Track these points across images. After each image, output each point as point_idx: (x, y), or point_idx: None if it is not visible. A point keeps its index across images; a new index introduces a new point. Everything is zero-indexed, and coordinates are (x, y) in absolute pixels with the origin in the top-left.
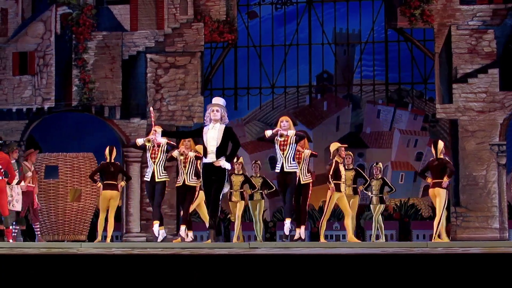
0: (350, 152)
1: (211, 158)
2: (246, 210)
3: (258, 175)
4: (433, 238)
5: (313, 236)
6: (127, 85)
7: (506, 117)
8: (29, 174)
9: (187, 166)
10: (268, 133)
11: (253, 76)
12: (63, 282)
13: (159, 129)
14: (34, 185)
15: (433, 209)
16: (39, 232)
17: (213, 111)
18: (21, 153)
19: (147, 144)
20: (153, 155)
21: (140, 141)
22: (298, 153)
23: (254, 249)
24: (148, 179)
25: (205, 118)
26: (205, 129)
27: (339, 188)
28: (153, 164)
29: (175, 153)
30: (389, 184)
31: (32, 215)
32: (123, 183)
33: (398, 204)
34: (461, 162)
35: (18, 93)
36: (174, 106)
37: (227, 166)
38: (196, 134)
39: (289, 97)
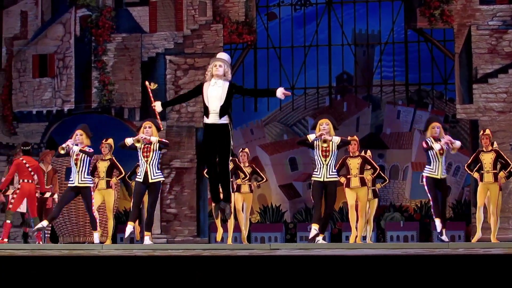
0: (356, 137)
1: (214, 118)
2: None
3: (247, 164)
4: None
5: (334, 237)
6: (146, 87)
7: None
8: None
9: (151, 155)
10: (311, 136)
11: (273, 77)
12: (85, 284)
13: (158, 103)
14: (49, 186)
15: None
16: (48, 234)
17: (215, 65)
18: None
19: (137, 145)
20: (145, 154)
21: (129, 141)
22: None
23: (275, 250)
24: (141, 180)
25: (206, 73)
26: (205, 85)
27: (349, 184)
28: (145, 163)
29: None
30: (383, 174)
31: (44, 216)
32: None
33: (419, 205)
34: None
35: (38, 95)
36: (194, 107)
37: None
38: (196, 93)
39: (308, 98)
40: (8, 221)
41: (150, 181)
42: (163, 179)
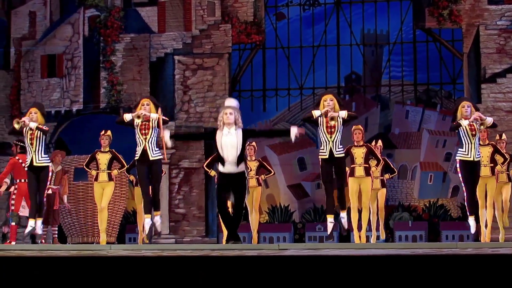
0: (360, 126)
1: (230, 168)
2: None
3: (254, 158)
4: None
5: (342, 237)
6: (155, 87)
7: None
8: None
9: (150, 133)
10: (316, 113)
11: (282, 77)
12: (94, 284)
13: (167, 133)
14: (56, 187)
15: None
16: (56, 235)
17: (226, 113)
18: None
19: (137, 120)
20: (143, 131)
21: (128, 117)
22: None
23: (283, 250)
24: (140, 159)
25: (218, 123)
26: (218, 134)
27: (353, 173)
28: (144, 141)
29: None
30: (392, 165)
31: (51, 217)
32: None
33: (427, 205)
34: None
35: (47, 95)
36: (202, 107)
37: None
38: (208, 137)
39: (317, 98)
40: (13, 223)
41: (151, 159)
42: (162, 157)
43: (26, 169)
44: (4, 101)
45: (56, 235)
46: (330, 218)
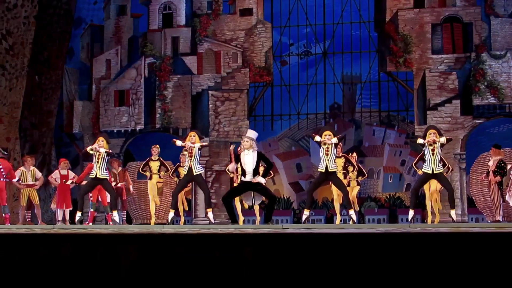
0: (340, 143)
1: (249, 177)
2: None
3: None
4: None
5: (328, 220)
6: (195, 113)
7: (465, 134)
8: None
9: (99, 161)
10: (317, 138)
11: (284, 106)
12: (149, 255)
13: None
14: (122, 183)
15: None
16: (125, 217)
17: (244, 141)
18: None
19: (188, 145)
20: (190, 154)
21: (178, 143)
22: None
23: (286, 229)
24: (187, 174)
25: (240, 146)
26: (241, 155)
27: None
28: (190, 160)
29: (88, 149)
30: (363, 170)
31: (121, 205)
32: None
33: (388, 197)
34: None
35: (118, 119)
36: (228, 128)
37: (263, 180)
38: (237, 160)
39: (310, 121)
40: (92, 210)
41: (195, 173)
42: (203, 171)
43: (90, 178)
44: (88, 123)
45: (125, 218)
46: (306, 212)
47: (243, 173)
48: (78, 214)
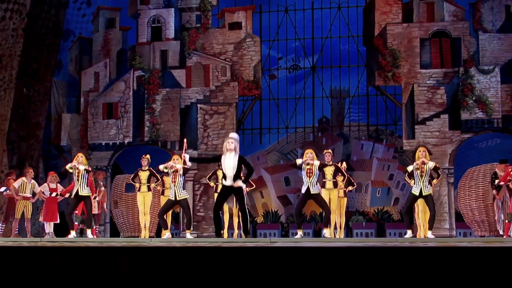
0: (330, 150)
1: (229, 182)
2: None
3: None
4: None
5: (316, 233)
6: (183, 126)
7: (453, 149)
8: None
9: (80, 179)
10: (299, 161)
11: (273, 120)
12: (138, 267)
13: (187, 155)
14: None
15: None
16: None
17: (229, 142)
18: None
19: (165, 171)
20: (174, 179)
21: (162, 167)
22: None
23: (274, 242)
24: (172, 198)
25: (223, 149)
26: (222, 158)
27: (324, 185)
28: (174, 185)
29: (67, 167)
30: (352, 180)
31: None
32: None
33: (376, 211)
34: None
35: (106, 132)
36: (217, 141)
37: (243, 185)
38: (216, 161)
39: (298, 135)
40: (76, 223)
41: (178, 198)
42: (188, 196)
43: (72, 197)
44: (76, 136)
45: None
46: (300, 232)
47: (224, 176)
48: (72, 233)
